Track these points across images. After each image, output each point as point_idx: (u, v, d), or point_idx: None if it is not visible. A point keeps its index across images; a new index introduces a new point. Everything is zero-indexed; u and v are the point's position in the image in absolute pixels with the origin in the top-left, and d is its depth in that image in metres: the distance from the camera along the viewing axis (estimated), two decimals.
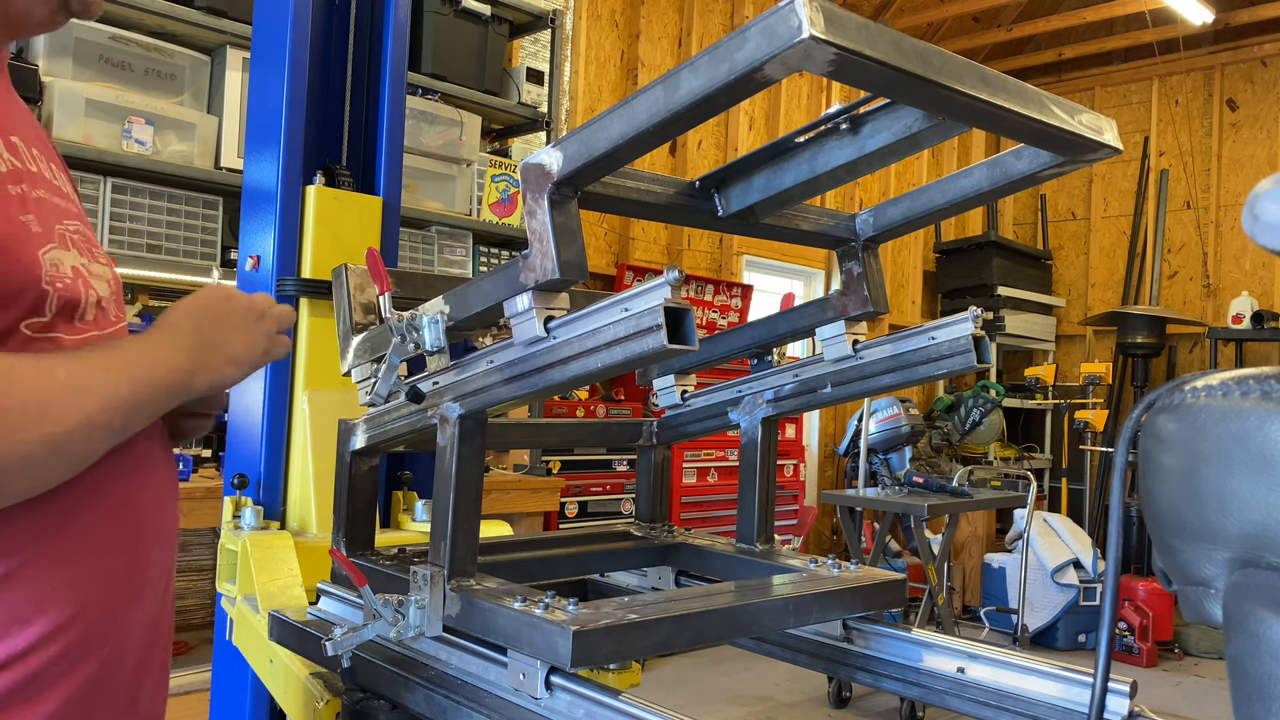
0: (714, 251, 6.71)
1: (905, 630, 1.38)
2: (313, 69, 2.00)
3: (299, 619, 1.45)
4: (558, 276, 1.03)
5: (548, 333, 1.08)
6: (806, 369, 1.53)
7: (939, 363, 1.36)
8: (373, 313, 1.43)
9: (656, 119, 0.91)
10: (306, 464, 1.95)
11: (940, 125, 1.09)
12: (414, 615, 1.18)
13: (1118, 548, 0.73)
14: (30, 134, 1.04)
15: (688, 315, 0.96)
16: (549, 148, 1.03)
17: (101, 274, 1.06)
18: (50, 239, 0.97)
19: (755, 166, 1.27)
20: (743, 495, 1.61)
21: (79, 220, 1.06)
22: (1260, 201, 0.53)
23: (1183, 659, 5.92)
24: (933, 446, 6.79)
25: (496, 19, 4.66)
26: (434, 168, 4.45)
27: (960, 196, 1.27)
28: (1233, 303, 7.66)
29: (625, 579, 1.73)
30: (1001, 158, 1.19)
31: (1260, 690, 0.52)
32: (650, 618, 1.11)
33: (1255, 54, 8.02)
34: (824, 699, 4.69)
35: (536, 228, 1.04)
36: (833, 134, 1.18)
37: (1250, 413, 0.54)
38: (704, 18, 6.62)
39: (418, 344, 1.23)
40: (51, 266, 0.95)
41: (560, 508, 4.97)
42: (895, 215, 1.38)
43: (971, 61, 0.90)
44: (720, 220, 1.30)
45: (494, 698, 1.16)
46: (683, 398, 1.71)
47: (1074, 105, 1.02)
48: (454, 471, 1.21)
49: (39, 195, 0.99)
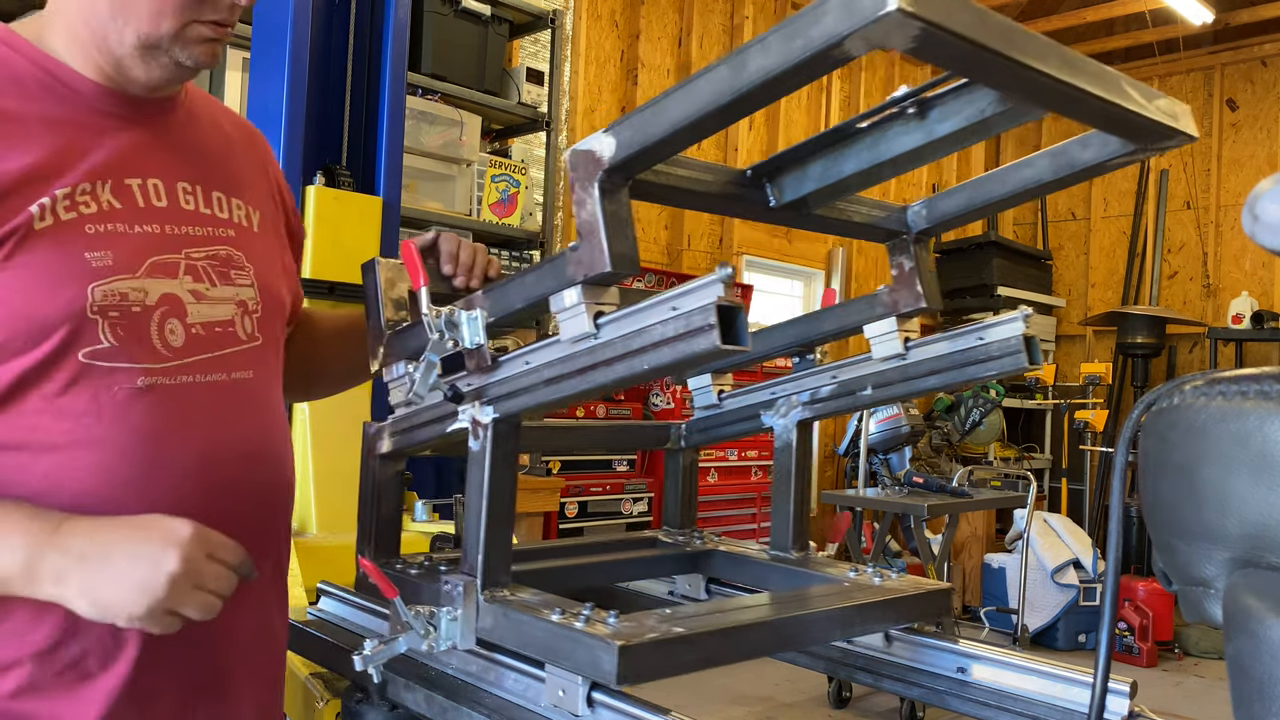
0: (714, 251, 6.71)
1: (905, 631, 1.38)
2: (313, 69, 2.00)
3: (299, 619, 1.45)
4: (609, 270, 0.98)
5: (597, 329, 1.02)
6: (846, 370, 1.48)
7: (987, 364, 1.31)
8: (404, 309, 1.37)
9: (720, 101, 0.86)
10: (307, 464, 1.95)
11: (1013, 110, 1.03)
12: (446, 628, 1.14)
13: (1118, 548, 0.73)
14: (175, 169, 1.16)
15: (740, 314, 0.91)
16: (600, 133, 0.97)
17: (226, 295, 1.16)
18: (125, 271, 1.07)
19: (811, 154, 1.19)
20: (776, 501, 1.56)
21: (222, 244, 1.18)
22: (1260, 201, 0.53)
23: (1183, 659, 5.91)
24: (933, 447, 6.79)
25: (496, 19, 4.65)
26: (434, 168, 4.45)
27: (1021, 187, 1.20)
28: (1233, 303, 7.66)
29: (652, 586, 1.68)
30: (1066, 146, 1.13)
31: (1260, 690, 0.52)
32: (697, 631, 1.06)
33: (1255, 54, 8.02)
34: (824, 699, 4.69)
35: (586, 218, 0.99)
36: (898, 119, 1.11)
37: (1250, 413, 0.54)
38: (704, 18, 6.62)
39: (456, 341, 1.17)
40: (110, 297, 1.05)
41: (560, 508, 4.97)
42: (950, 207, 1.31)
43: (1052, 41, 0.85)
44: (772, 211, 1.24)
45: (531, 715, 1.11)
46: (719, 398, 1.65)
47: (1150, 90, 0.96)
48: (487, 478, 1.17)
49: (141, 230, 1.10)
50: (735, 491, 6.02)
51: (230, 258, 1.19)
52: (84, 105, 1.09)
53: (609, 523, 5.22)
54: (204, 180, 1.20)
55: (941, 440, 6.83)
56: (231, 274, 1.19)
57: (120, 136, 1.12)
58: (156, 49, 1.08)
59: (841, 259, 7.44)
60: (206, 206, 1.19)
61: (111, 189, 1.08)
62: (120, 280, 1.06)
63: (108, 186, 1.08)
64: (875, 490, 5.18)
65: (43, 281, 1.02)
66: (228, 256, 1.19)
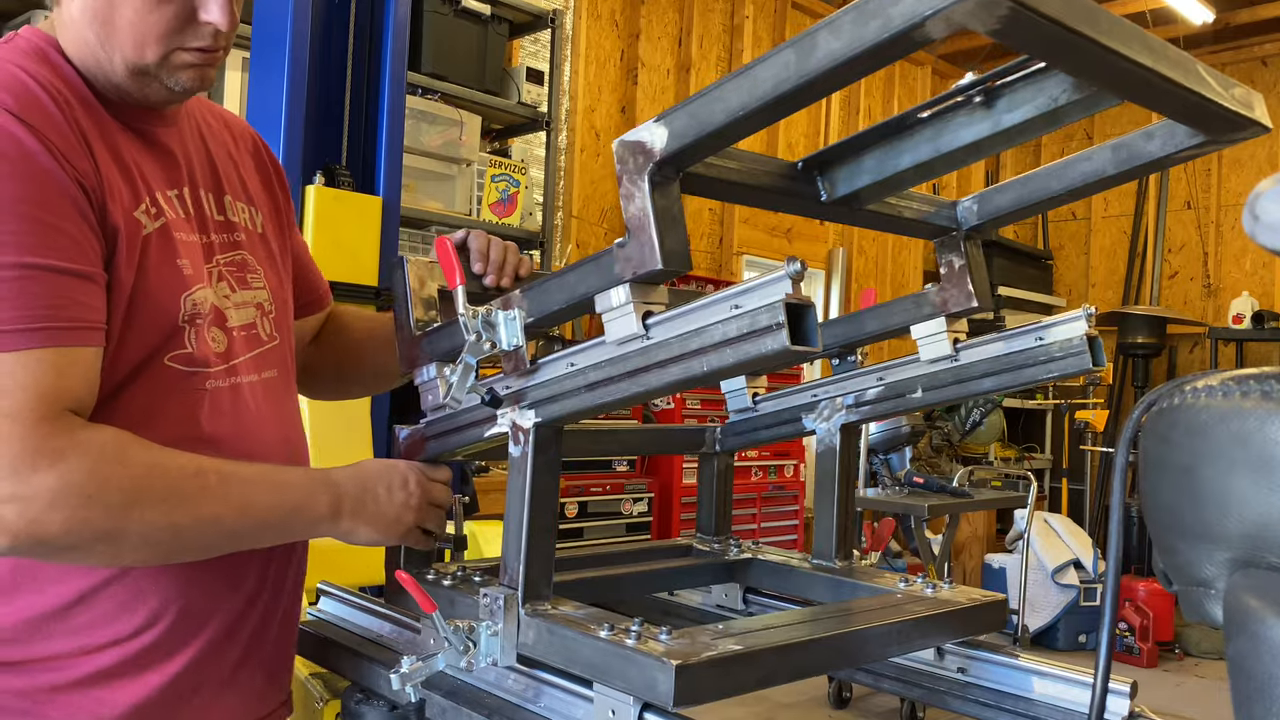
0: (714, 251, 6.71)
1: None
2: (313, 69, 2.00)
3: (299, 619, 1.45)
4: (660, 267, 0.93)
5: (646, 330, 0.97)
6: (894, 371, 1.43)
7: (1048, 365, 1.26)
8: (433, 309, 1.31)
9: (784, 88, 0.81)
10: None
11: (1086, 99, 0.97)
12: (486, 643, 1.09)
13: (1118, 548, 0.73)
14: (195, 178, 1.20)
15: (811, 313, 0.87)
16: (651, 123, 0.92)
17: (246, 299, 1.21)
18: (199, 280, 1.14)
19: (866, 146, 1.13)
20: (819, 508, 1.50)
21: (238, 249, 1.23)
22: (1261, 201, 0.53)
23: (1183, 659, 5.91)
24: (933, 447, 6.79)
25: (496, 19, 4.65)
26: (434, 168, 4.45)
27: (1081, 182, 1.14)
28: (1233, 303, 7.66)
29: (687, 596, 1.64)
30: (1129, 139, 1.08)
31: (1261, 691, 0.52)
32: (753, 648, 1.02)
33: (1255, 54, 8.02)
34: (824, 699, 4.69)
35: (635, 213, 0.94)
36: (962, 109, 1.06)
37: (1250, 413, 0.54)
38: (704, 18, 6.62)
39: (494, 343, 1.12)
40: (195, 306, 1.12)
41: (560, 508, 4.97)
42: (1003, 203, 1.25)
43: (1134, 25, 0.81)
44: (822, 205, 1.18)
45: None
46: (754, 401, 1.59)
47: (1226, 78, 0.91)
48: (529, 485, 1.12)
49: (198, 239, 1.16)
50: (736, 492, 6.00)
51: (245, 262, 1.24)
52: (119, 121, 1.12)
53: (609, 523, 5.22)
54: (216, 188, 1.23)
55: (942, 440, 6.83)
56: (248, 278, 1.23)
57: (148, 151, 1.15)
58: (146, 74, 1.10)
59: (841, 259, 7.44)
60: (220, 213, 1.22)
61: (164, 200, 1.13)
62: (199, 290, 1.13)
63: (161, 197, 1.12)
64: (875, 490, 5.18)
65: (155, 287, 1.08)
66: (243, 261, 1.23)
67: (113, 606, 1.08)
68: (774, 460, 6.27)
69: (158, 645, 1.10)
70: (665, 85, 6.41)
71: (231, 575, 1.17)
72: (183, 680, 1.12)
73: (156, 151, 1.15)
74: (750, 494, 6.12)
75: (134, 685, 1.09)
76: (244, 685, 1.20)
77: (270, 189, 1.35)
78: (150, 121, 1.15)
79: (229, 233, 1.22)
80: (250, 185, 1.30)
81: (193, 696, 1.14)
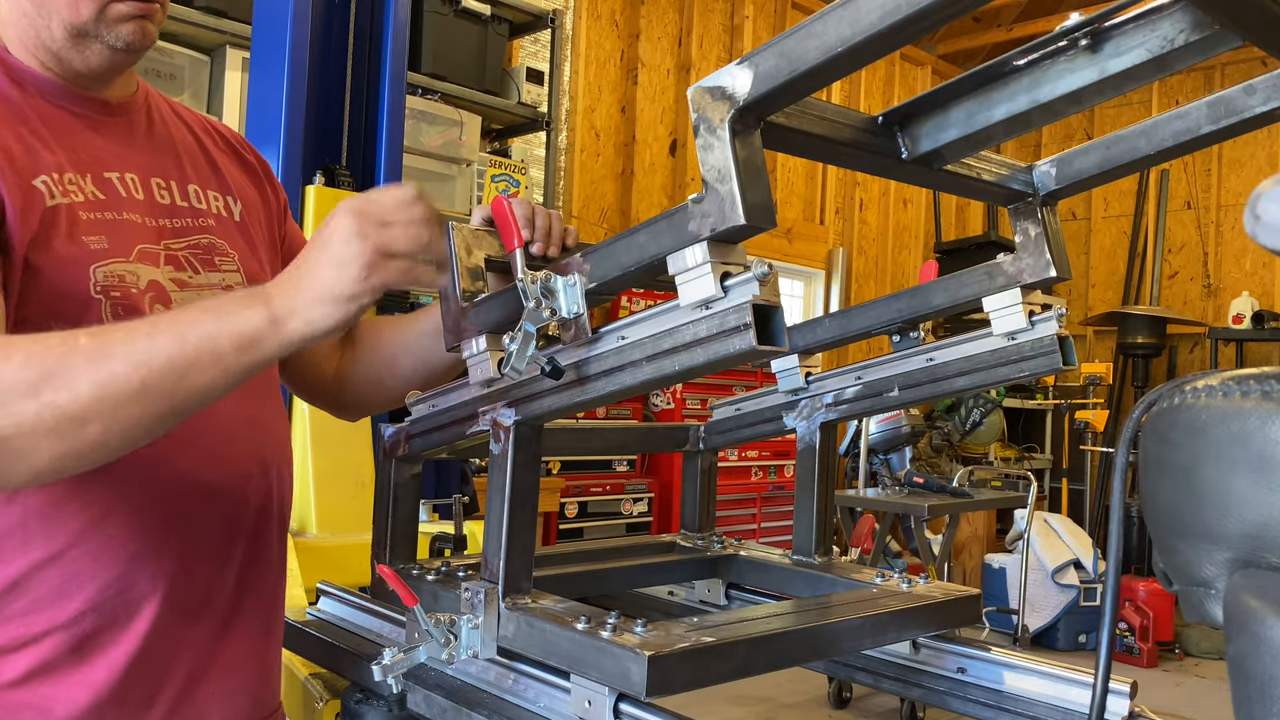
0: None
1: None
2: (313, 69, 2.00)
3: (299, 619, 1.45)
4: (742, 222, 0.85)
5: (724, 292, 0.90)
6: (871, 370, 1.44)
7: (1019, 364, 1.27)
8: (480, 279, 1.24)
9: (894, 18, 0.74)
10: (306, 462, 1.95)
11: (1203, 40, 0.89)
12: (467, 636, 1.10)
13: (1118, 548, 0.73)
14: (147, 166, 1.18)
15: (777, 314, 0.87)
16: (734, 65, 0.85)
17: (212, 281, 1.18)
18: (120, 255, 1.10)
19: (956, 97, 1.06)
20: (799, 505, 1.53)
21: (203, 234, 1.20)
22: (1261, 201, 0.53)
23: (1183, 659, 5.91)
24: (933, 447, 6.79)
25: (496, 19, 4.66)
26: (434, 168, 4.45)
27: (1173, 141, 1.07)
28: (1233, 303, 7.66)
29: (672, 591, 1.66)
30: (1228, 94, 1.01)
31: (1261, 692, 0.52)
32: (726, 640, 1.03)
33: (1255, 54, 8.00)
34: (824, 699, 4.69)
35: (714, 164, 0.87)
36: (1063, 54, 0.99)
37: (1251, 413, 0.54)
38: (704, 18, 6.62)
39: (554, 309, 1.05)
40: (109, 279, 1.07)
41: (560, 508, 4.97)
42: (1086, 166, 1.18)
43: None
44: (901, 164, 1.11)
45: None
46: (806, 380, 1.54)
47: None
48: (509, 482, 1.12)
49: (127, 218, 1.13)
50: (736, 492, 6.02)
51: (213, 245, 1.21)
52: (54, 103, 1.12)
53: (609, 523, 5.22)
54: (179, 175, 1.22)
55: (942, 440, 6.83)
56: (216, 260, 1.21)
57: (91, 135, 1.14)
58: (85, 35, 1.10)
59: (842, 259, 7.44)
60: (184, 200, 1.21)
61: (93, 180, 1.11)
62: (116, 263, 1.09)
63: (89, 178, 1.11)
64: (875, 490, 5.18)
65: (59, 258, 1.04)
66: (210, 245, 1.21)
67: (48, 591, 1.04)
68: (774, 460, 6.28)
69: (100, 630, 1.06)
70: (665, 85, 6.42)
71: (186, 550, 1.11)
72: (135, 674, 1.08)
73: (100, 138, 1.15)
74: (750, 494, 6.13)
75: (81, 682, 1.05)
76: (220, 687, 1.16)
77: (259, 184, 1.34)
78: (95, 109, 1.15)
79: (191, 217, 1.20)
80: (228, 176, 1.29)
81: (154, 699, 1.09)
